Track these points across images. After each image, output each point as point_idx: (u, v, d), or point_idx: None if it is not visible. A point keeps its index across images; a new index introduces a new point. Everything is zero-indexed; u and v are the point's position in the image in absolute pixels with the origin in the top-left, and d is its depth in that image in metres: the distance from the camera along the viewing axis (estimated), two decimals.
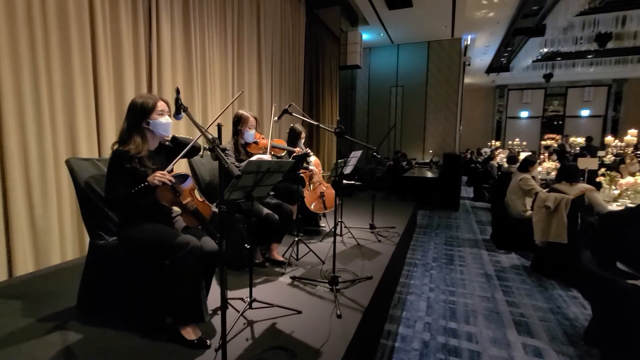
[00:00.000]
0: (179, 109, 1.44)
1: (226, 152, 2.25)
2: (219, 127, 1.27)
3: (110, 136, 2.86)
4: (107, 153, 2.83)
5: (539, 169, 5.60)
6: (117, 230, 1.66)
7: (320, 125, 2.14)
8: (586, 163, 4.54)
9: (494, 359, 2.02)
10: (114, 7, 2.81)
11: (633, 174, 3.72)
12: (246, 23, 4.45)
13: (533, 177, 4.10)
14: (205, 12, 3.74)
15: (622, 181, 3.53)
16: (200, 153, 1.71)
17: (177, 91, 1.39)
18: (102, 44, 2.70)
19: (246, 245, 1.89)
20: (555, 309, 2.65)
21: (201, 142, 1.56)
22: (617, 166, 3.94)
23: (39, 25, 2.29)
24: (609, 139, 7.17)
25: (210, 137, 1.13)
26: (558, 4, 6.46)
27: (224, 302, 1.18)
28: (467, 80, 12.33)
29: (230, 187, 1.46)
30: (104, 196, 1.60)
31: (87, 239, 2.76)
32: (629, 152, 5.21)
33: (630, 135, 5.41)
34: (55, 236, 2.53)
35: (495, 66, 11.83)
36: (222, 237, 1.16)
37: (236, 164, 2.35)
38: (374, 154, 3.36)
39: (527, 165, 4.10)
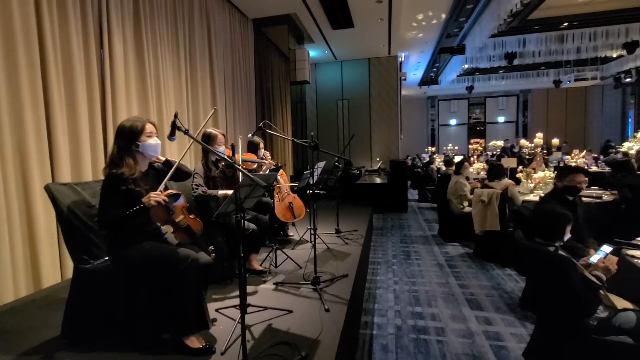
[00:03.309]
0: (174, 131, 1.55)
1: (195, 174, 2.32)
2: (232, 146, 1.41)
3: (65, 160, 2.73)
4: (61, 178, 2.69)
5: (470, 169, 6.41)
6: (110, 253, 1.66)
7: (295, 140, 2.34)
8: (508, 162, 5.38)
9: (455, 332, 2.38)
10: (63, 24, 2.71)
11: (543, 170, 4.55)
12: (197, 40, 4.48)
13: (467, 177, 4.73)
14: (157, 28, 3.70)
15: (535, 176, 4.30)
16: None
17: (175, 115, 1.50)
18: (53, 63, 2.59)
19: (242, 254, 2.00)
20: (496, 286, 3.15)
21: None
22: (529, 163, 4.76)
23: None
24: (523, 141, 8.45)
25: (225, 155, 1.27)
26: (474, 27, 7.58)
27: (244, 300, 1.31)
28: (404, 92, 13.50)
29: (227, 201, 1.59)
30: (98, 218, 1.61)
31: (43, 272, 2.61)
32: (539, 151, 6.28)
33: (538, 138, 6.53)
34: (8, 271, 2.35)
35: (426, 80, 13.21)
36: (240, 242, 1.30)
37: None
38: (336, 163, 3.63)
39: (459, 168, 4.70)
